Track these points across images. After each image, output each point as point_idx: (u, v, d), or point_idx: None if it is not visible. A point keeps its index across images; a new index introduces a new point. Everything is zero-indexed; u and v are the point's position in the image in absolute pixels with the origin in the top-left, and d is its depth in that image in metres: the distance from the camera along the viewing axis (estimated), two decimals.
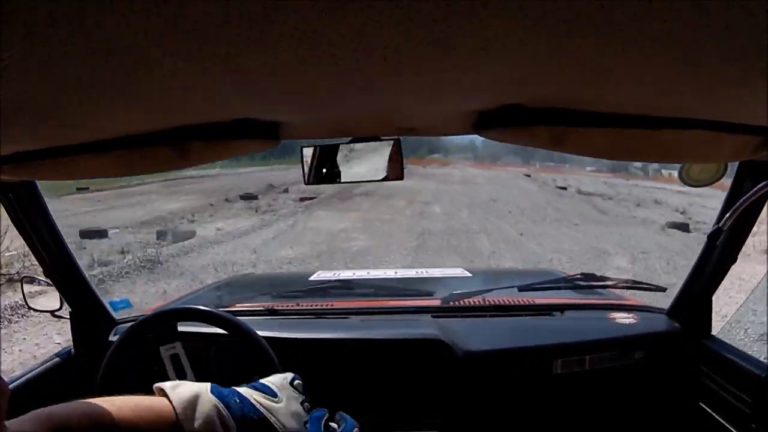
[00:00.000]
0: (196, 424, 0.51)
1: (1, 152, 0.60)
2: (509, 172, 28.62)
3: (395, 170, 0.70)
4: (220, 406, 0.53)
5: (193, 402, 0.52)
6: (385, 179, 0.71)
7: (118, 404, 0.51)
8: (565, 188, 17.16)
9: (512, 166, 39.26)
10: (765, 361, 0.67)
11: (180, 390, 0.54)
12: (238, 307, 1.25)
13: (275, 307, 1.24)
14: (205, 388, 0.55)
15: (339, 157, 0.72)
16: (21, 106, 0.42)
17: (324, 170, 0.74)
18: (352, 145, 0.71)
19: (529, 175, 24.23)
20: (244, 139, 0.58)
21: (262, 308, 1.24)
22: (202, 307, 0.96)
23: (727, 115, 0.56)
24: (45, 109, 0.45)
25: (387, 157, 0.70)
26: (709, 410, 0.98)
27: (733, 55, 0.35)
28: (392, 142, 0.70)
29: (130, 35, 0.29)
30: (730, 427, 0.92)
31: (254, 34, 0.30)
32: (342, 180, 0.74)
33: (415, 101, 0.54)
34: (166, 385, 0.55)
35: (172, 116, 0.54)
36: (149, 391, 0.56)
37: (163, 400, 0.53)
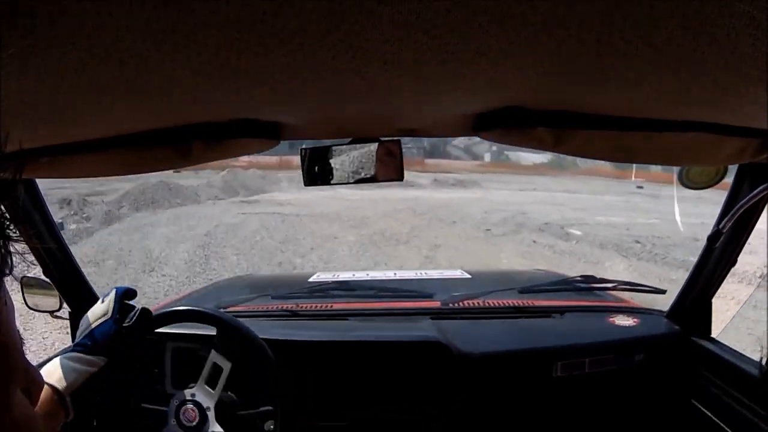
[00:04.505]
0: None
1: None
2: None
3: (396, 171, 0.70)
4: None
5: None
6: (385, 180, 0.71)
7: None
8: None
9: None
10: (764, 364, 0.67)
11: None
12: (238, 308, 1.24)
13: (275, 309, 1.23)
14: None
15: (339, 158, 0.72)
16: (21, 105, 0.42)
17: (323, 171, 0.74)
18: (352, 145, 0.71)
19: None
20: (245, 138, 0.59)
21: (262, 310, 1.24)
22: (202, 309, 0.96)
23: (727, 118, 0.56)
24: (45, 109, 0.45)
25: (387, 158, 0.70)
26: (708, 413, 0.98)
27: (734, 61, 0.35)
28: (393, 142, 0.70)
29: (129, 39, 0.29)
30: (729, 430, 0.91)
31: (253, 39, 0.30)
32: (341, 181, 0.74)
33: (415, 104, 0.54)
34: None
35: (173, 116, 0.54)
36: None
37: None
